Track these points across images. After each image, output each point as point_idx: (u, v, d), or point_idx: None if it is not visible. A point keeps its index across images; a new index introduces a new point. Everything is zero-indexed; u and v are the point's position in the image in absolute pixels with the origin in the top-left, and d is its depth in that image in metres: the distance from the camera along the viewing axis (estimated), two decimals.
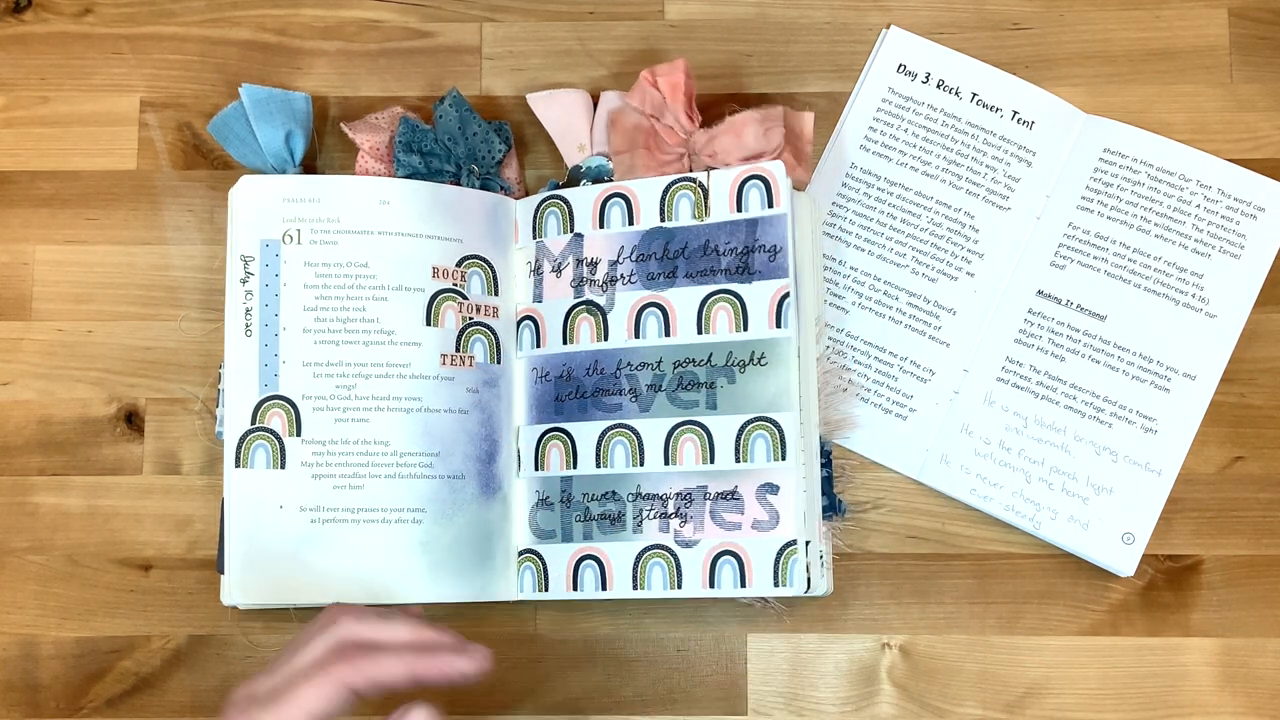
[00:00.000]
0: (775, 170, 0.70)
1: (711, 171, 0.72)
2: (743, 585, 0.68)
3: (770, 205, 0.70)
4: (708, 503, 0.69)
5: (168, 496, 0.75)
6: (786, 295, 0.69)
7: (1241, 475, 0.75)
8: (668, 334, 0.71)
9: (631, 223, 0.73)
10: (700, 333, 0.71)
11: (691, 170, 0.73)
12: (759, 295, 0.70)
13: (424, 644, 0.61)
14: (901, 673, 0.74)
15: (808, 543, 0.68)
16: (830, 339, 0.76)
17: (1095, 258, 0.76)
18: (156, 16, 0.80)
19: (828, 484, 0.73)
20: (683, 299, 0.71)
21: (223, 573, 0.71)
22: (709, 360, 0.70)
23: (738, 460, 0.69)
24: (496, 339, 0.74)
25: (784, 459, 0.68)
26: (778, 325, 0.69)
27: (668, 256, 0.72)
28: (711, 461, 0.69)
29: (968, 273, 0.76)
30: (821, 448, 0.72)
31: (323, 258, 0.71)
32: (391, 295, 0.71)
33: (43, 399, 0.76)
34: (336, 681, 0.58)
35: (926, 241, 0.76)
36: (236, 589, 0.70)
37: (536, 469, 0.73)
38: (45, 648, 0.74)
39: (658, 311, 0.71)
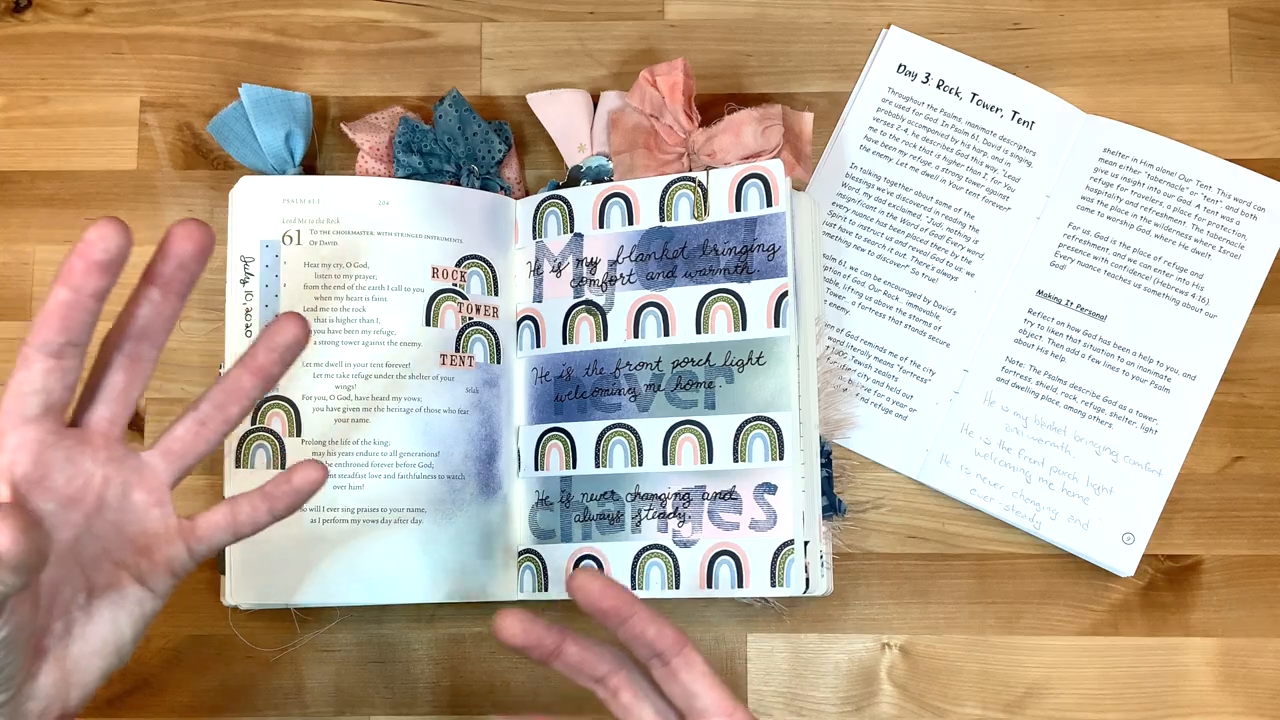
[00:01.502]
0: (774, 169, 0.70)
1: (710, 171, 0.72)
2: (740, 585, 0.68)
3: (769, 204, 0.70)
4: (706, 503, 0.69)
5: None
6: (785, 294, 0.69)
7: (1241, 475, 0.75)
8: (666, 334, 0.71)
9: (631, 222, 0.73)
10: (699, 332, 0.71)
11: (691, 170, 0.73)
12: (757, 295, 0.70)
13: None
14: (901, 673, 0.74)
15: (806, 543, 0.68)
16: (830, 339, 0.76)
17: (1095, 258, 0.76)
18: (156, 16, 0.80)
19: (828, 484, 0.73)
20: (682, 299, 0.71)
21: (223, 573, 0.71)
22: (708, 360, 0.70)
23: (736, 460, 0.69)
24: (496, 339, 0.74)
25: (782, 459, 0.68)
26: (776, 325, 0.69)
27: (667, 256, 0.72)
28: (710, 461, 0.69)
29: (968, 273, 0.76)
30: (821, 448, 0.72)
31: (322, 258, 0.71)
32: (391, 296, 0.71)
33: None
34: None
35: (926, 241, 0.76)
36: (236, 589, 0.70)
37: (536, 469, 0.73)
38: None
39: (657, 311, 0.71)
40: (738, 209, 0.71)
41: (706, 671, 0.57)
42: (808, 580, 0.68)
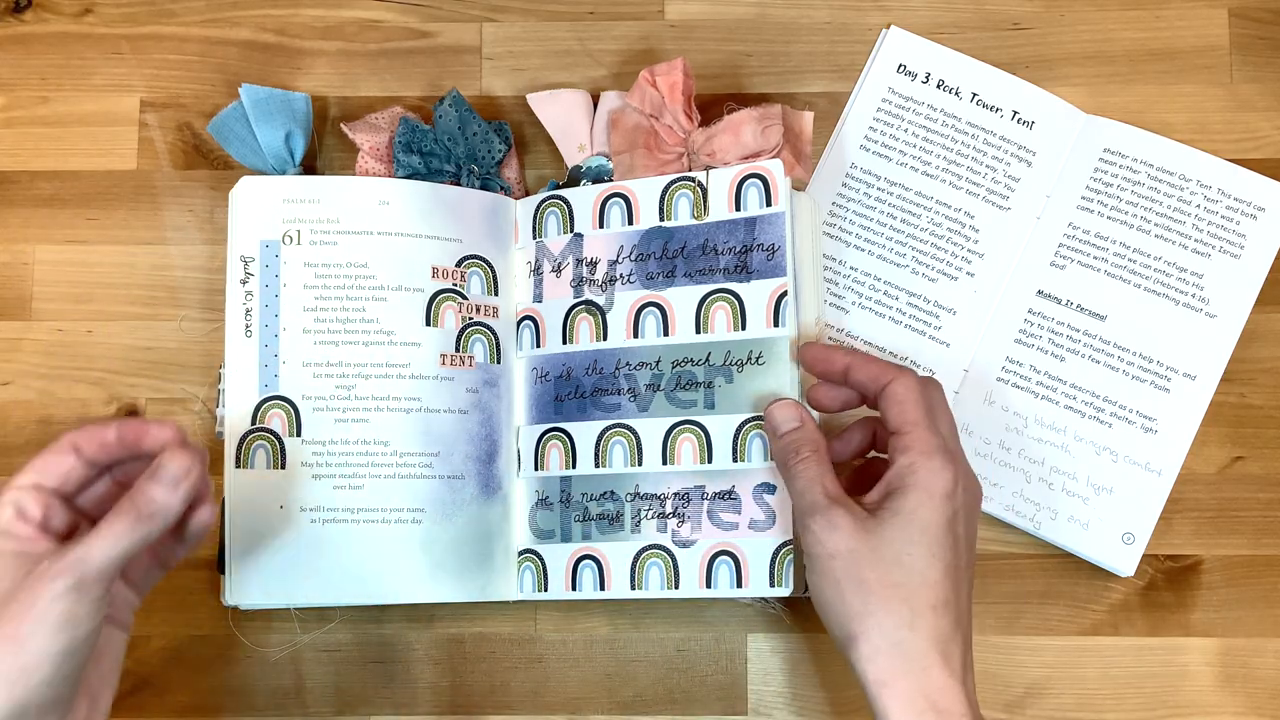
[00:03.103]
0: (774, 169, 0.70)
1: (710, 171, 0.71)
2: (739, 585, 0.68)
3: (768, 204, 0.70)
4: (705, 503, 0.69)
5: None
6: (784, 294, 0.69)
7: (1241, 475, 0.75)
8: (666, 333, 0.71)
9: (631, 222, 0.73)
10: (699, 332, 0.70)
11: (690, 169, 0.73)
12: (757, 294, 0.69)
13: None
14: None
15: None
16: (830, 339, 0.76)
17: (1095, 258, 0.76)
18: (156, 16, 0.80)
19: None
20: (681, 298, 0.71)
21: (223, 573, 0.71)
22: (707, 360, 0.70)
23: (735, 460, 0.69)
24: (496, 339, 0.74)
25: None
26: (775, 324, 0.69)
27: (666, 256, 0.72)
28: (709, 461, 0.69)
29: (968, 273, 0.76)
30: None
31: (322, 258, 0.71)
32: (391, 296, 0.71)
33: (43, 399, 0.76)
34: (65, 441, 0.58)
35: (926, 241, 0.76)
36: (236, 589, 0.70)
37: (536, 469, 0.73)
38: None
39: (656, 311, 0.71)
40: (737, 209, 0.71)
41: (898, 399, 0.63)
42: (806, 581, 0.67)
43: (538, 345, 0.74)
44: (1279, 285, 0.75)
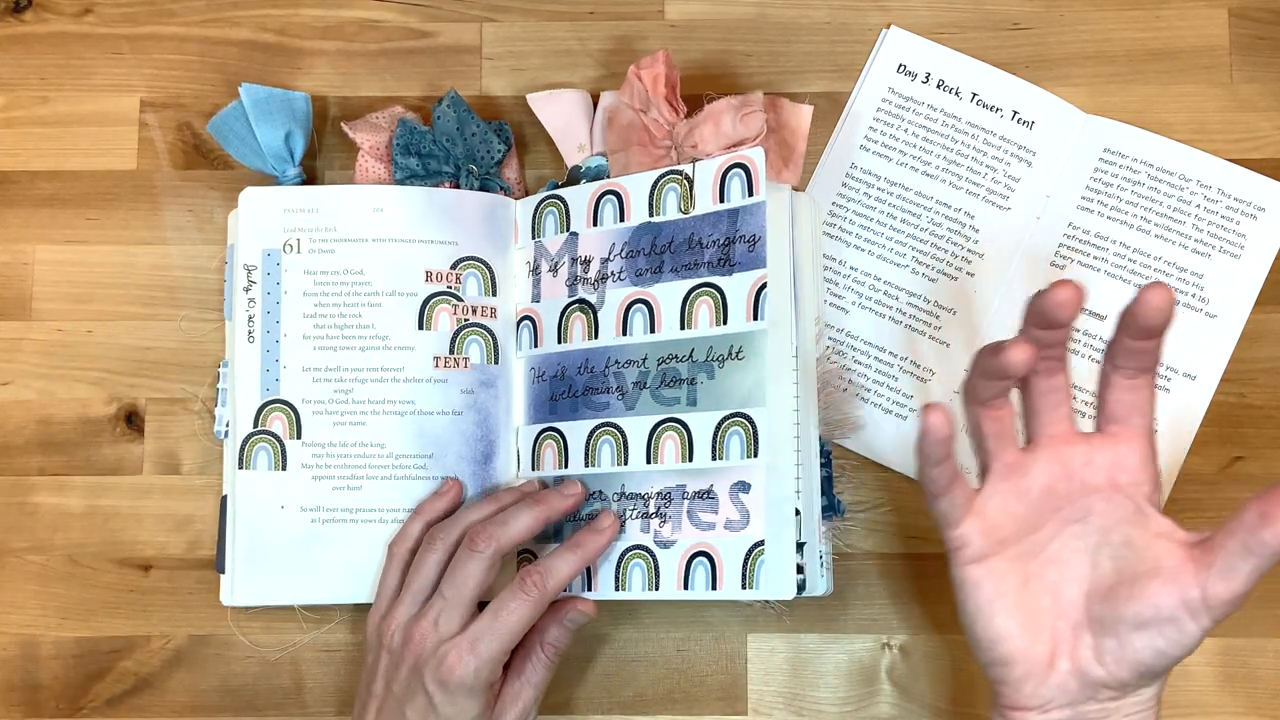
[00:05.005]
0: (755, 157, 0.70)
1: (696, 163, 0.71)
2: (714, 588, 0.67)
3: (750, 194, 0.70)
4: (685, 502, 0.69)
5: (168, 496, 0.75)
6: (764, 286, 0.68)
7: (1241, 475, 0.75)
8: (653, 330, 0.71)
9: (623, 219, 0.72)
10: (683, 328, 0.70)
11: (679, 163, 0.73)
12: (738, 287, 0.69)
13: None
14: (901, 673, 0.74)
15: (802, 544, 0.68)
16: (830, 339, 0.76)
17: (1095, 258, 0.75)
18: (156, 16, 0.80)
19: (828, 484, 0.72)
20: (667, 294, 0.71)
21: (223, 573, 0.71)
22: (690, 356, 0.70)
23: (714, 458, 0.68)
24: (494, 340, 0.74)
25: (755, 456, 0.68)
26: (755, 317, 0.68)
27: (655, 251, 0.71)
28: (690, 460, 0.69)
29: (968, 273, 0.76)
30: (821, 448, 0.72)
31: (321, 266, 0.72)
32: (386, 301, 0.72)
33: (43, 399, 0.76)
34: (542, 508, 0.68)
35: (926, 241, 0.76)
36: (236, 589, 0.70)
37: (533, 469, 0.73)
38: (45, 648, 0.74)
39: (644, 308, 0.71)
40: (722, 200, 0.70)
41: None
42: (801, 583, 0.67)
43: (535, 345, 0.74)
44: (1279, 285, 0.75)
